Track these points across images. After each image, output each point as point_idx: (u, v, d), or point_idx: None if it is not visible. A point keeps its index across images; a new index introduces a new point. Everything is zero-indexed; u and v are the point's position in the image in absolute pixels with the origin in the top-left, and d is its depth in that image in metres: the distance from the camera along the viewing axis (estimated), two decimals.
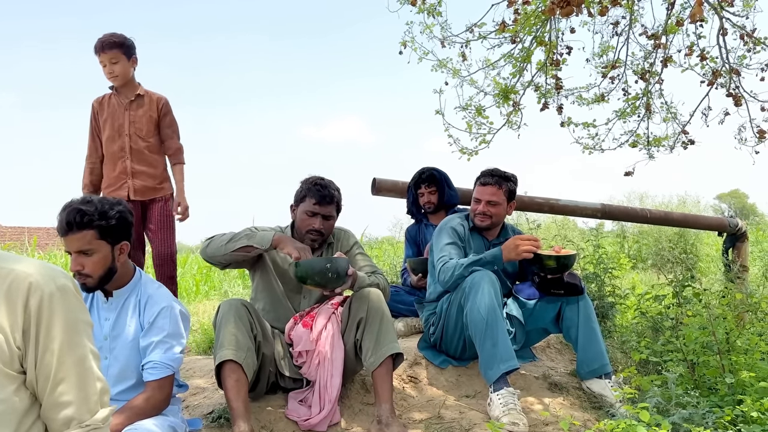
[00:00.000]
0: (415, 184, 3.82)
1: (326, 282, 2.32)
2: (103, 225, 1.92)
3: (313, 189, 2.54)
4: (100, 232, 1.92)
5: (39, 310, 1.05)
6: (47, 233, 25.29)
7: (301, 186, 2.61)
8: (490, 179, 2.95)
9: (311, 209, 2.53)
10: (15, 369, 1.05)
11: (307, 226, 2.54)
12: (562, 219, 9.70)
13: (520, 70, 4.95)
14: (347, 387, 2.64)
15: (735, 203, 35.98)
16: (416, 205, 3.86)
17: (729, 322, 2.72)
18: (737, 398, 2.21)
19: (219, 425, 2.32)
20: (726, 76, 4.77)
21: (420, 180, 3.79)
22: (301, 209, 2.56)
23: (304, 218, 2.55)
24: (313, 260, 2.33)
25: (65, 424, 1.10)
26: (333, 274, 2.30)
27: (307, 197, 2.55)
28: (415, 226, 3.96)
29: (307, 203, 2.54)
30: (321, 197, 2.52)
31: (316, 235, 2.55)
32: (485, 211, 2.94)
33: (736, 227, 4.89)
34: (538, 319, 2.86)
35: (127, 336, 2.04)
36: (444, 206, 3.77)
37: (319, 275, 2.29)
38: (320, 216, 2.53)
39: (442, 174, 3.80)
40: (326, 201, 2.53)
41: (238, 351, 2.19)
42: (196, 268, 9.71)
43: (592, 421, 2.46)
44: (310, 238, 2.55)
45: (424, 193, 3.78)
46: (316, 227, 2.53)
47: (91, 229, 1.91)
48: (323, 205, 2.52)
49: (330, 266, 2.29)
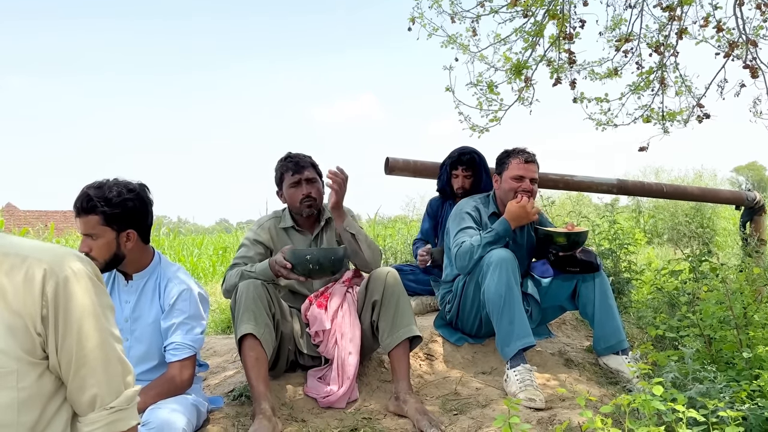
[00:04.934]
0: (451, 163, 3.57)
1: (309, 272, 2.35)
2: (107, 212, 1.94)
3: (285, 164, 2.64)
4: (104, 218, 1.94)
5: (55, 295, 1.06)
6: (64, 216, 25.57)
7: (275, 170, 2.69)
8: (531, 156, 2.82)
9: (292, 180, 2.60)
10: (38, 356, 1.07)
11: (297, 197, 2.59)
12: (576, 195, 9.63)
13: (532, 44, 4.88)
14: (365, 364, 2.67)
15: (752, 176, 35.50)
16: (449, 186, 3.61)
17: (747, 297, 2.70)
18: (755, 373, 2.20)
19: (240, 403, 2.36)
20: (742, 47, 4.68)
21: (458, 161, 3.53)
22: (286, 187, 2.63)
23: (292, 192, 2.61)
24: (298, 251, 2.36)
25: (90, 406, 1.12)
26: (314, 265, 2.33)
27: (284, 174, 2.63)
28: (439, 201, 3.79)
29: (287, 179, 2.62)
30: (295, 165, 2.61)
31: (310, 201, 2.60)
32: (531, 190, 2.80)
33: (754, 200, 4.84)
34: (554, 296, 2.86)
35: (147, 318, 2.08)
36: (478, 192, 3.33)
37: (301, 266, 2.33)
38: (303, 181, 2.60)
39: (482, 158, 3.54)
40: (301, 166, 2.61)
41: (257, 326, 2.24)
42: (212, 250, 9.81)
43: (608, 397, 2.47)
44: (306, 206, 2.60)
45: (459, 176, 3.53)
46: (305, 193, 2.59)
47: (95, 214, 1.93)
48: (301, 171, 2.60)
49: (310, 258, 2.32)
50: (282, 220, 2.67)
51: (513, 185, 2.80)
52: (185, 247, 10.19)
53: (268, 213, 2.76)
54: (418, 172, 3.97)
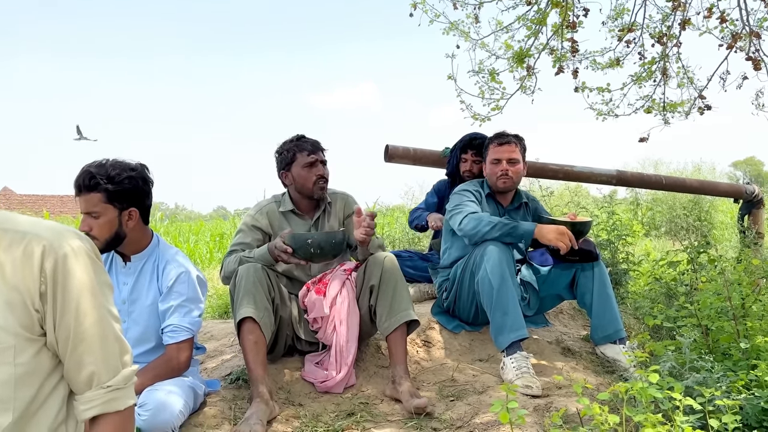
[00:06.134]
0: (462, 147, 3.54)
1: (311, 256, 2.33)
2: (110, 189, 1.92)
3: (300, 143, 2.59)
4: (107, 196, 1.93)
5: (54, 272, 1.05)
6: (60, 201, 25.52)
7: (283, 152, 2.62)
8: (507, 138, 2.90)
9: (308, 160, 2.56)
10: (35, 332, 1.06)
11: (311, 177, 2.56)
12: (575, 186, 9.63)
13: (535, 32, 4.85)
14: (362, 350, 2.67)
15: (750, 171, 35.55)
16: (457, 171, 3.57)
17: (745, 288, 2.71)
18: (751, 363, 2.21)
19: (237, 386, 2.36)
20: (746, 38, 4.65)
21: (469, 145, 3.50)
22: (297, 168, 2.57)
23: (305, 173, 2.56)
24: (298, 235, 2.34)
25: (87, 384, 1.11)
26: (316, 249, 2.31)
27: (297, 154, 2.58)
28: (447, 184, 3.76)
29: (300, 158, 2.57)
30: (311, 145, 2.58)
31: (323, 182, 2.59)
32: (507, 170, 2.86)
33: (753, 194, 4.84)
34: (552, 285, 2.86)
35: (145, 300, 2.08)
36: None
37: (302, 250, 2.31)
38: (319, 162, 2.58)
39: None
40: (317, 147, 2.60)
41: (257, 310, 2.23)
42: (209, 236, 9.80)
43: (605, 386, 2.47)
44: (319, 188, 2.58)
45: (468, 160, 3.50)
46: (321, 173, 2.57)
47: (97, 192, 1.92)
48: (317, 152, 2.58)
49: (311, 241, 2.30)
50: (282, 204, 2.64)
51: (493, 169, 2.91)
52: (182, 233, 10.17)
53: (267, 197, 2.74)
54: (418, 159, 3.95)
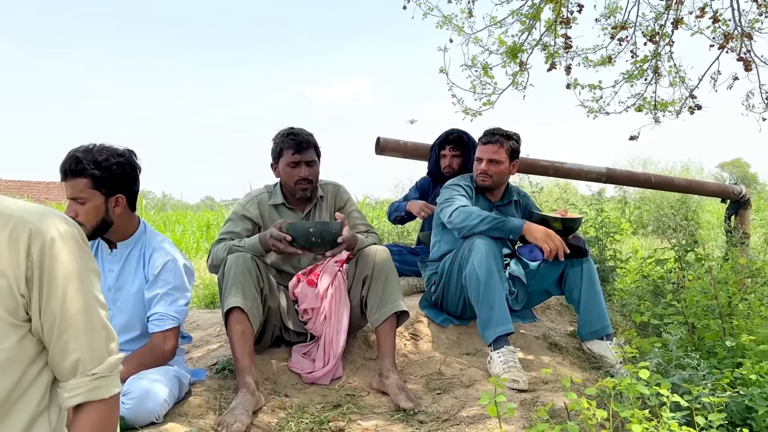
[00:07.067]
0: (440, 143, 3.57)
1: (311, 245, 2.30)
2: (97, 174, 1.89)
3: (287, 140, 2.52)
4: (93, 182, 1.90)
5: (41, 256, 1.03)
6: (47, 188, 25.25)
7: (274, 142, 2.58)
8: (491, 138, 2.90)
9: (292, 160, 2.51)
10: (20, 318, 1.04)
11: (293, 178, 2.52)
12: (564, 183, 9.67)
13: (529, 27, 4.84)
14: (350, 342, 2.66)
15: (737, 172, 35.88)
16: (438, 168, 3.60)
17: (731, 287, 2.73)
18: (736, 361, 2.23)
19: (223, 376, 2.34)
20: (737, 39, 4.67)
21: (446, 140, 3.53)
22: (282, 164, 2.54)
23: (288, 171, 2.53)
24: (298, 223, 2.31)
25: (72, 371, 1.09)
26: (317, 238, 2.28)
27: (284, 150, 2.53)
28: (429, 182, 3.76)
29: (285, 156, 2.52)
30: (297, 145, 2.50)
31: (305, 184, 2.53)
32: (486, 170, 2.89)
33: (740, 194, 4.87)
34: (541, 280, 2.87)
35: (131, 287, 2.05)
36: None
37: (303, 238, 2.28)
38: (303, 163, 2.52)
39: (471, 139, 3.52)
40: (303, 147, 2.51)
41: (245, 300, 2.21)
42: (196, 225, 9.74)
43: (591, 381, 2.49)
44: (300, 189, 2.53)
45: (447, 156, 3.52)
46: (303, 176, 2.51)
47: (84, 177, 1.89)
48: (302, 152, 2.51)
49: (313, 230, 2.27)
50: (273, 196, 2.61)
51: (476, 166, 2.95)
52: (168, 222, 10.09)
53: (259, 187, 2.71)
54: (409, 152, 3.94)
